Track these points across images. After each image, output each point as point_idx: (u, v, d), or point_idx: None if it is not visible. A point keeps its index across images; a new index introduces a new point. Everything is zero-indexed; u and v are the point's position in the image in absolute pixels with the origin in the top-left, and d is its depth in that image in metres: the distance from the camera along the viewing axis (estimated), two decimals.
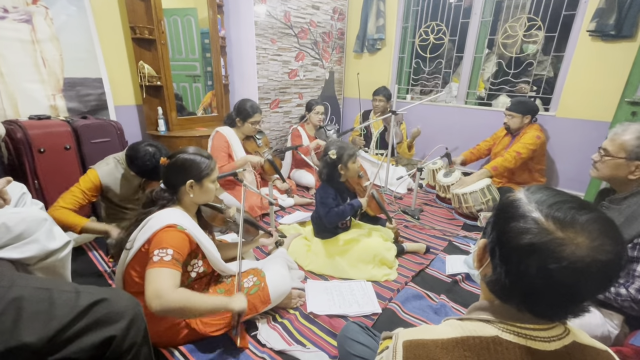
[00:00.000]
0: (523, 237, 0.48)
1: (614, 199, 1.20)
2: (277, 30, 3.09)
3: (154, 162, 1.61)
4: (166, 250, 1.04)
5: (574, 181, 2.68)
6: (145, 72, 2.58)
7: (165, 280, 0.99)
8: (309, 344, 1.30)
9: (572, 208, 0.48)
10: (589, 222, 0.46)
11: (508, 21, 2.87)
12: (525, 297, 0.51)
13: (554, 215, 0.47)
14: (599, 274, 0.45)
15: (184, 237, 1.12)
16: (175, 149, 1.81)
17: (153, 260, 1.03)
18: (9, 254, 1.05)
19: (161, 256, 1.03)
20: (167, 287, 0.98)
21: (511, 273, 0.50)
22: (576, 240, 0.45)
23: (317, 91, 3.69)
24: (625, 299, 1.06)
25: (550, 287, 0.47)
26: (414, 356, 0.53)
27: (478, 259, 0.59)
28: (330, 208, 1.73)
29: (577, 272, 0.45)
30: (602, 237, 0.45)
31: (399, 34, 3.50)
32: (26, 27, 2.02)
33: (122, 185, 1.72)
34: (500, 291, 0.54)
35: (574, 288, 0.46)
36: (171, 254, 1.04)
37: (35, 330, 0.74)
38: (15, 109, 2.04)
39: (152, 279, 1.00)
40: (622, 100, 2.13)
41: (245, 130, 2.41)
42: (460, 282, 1.72)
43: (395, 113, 2.57)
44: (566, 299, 0.48)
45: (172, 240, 1.08)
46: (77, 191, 1.62)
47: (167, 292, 0.97)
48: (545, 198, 0.50)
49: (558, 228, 0.46)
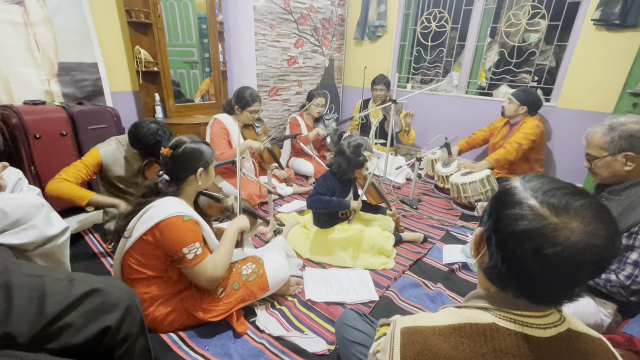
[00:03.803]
0: (519, 224, 0.48)
1: (613, 189, 1.20)
2: (276, 15, 3.02)
3: (158, 138, 1.62)
4: (194, 245, 1.12)
5: (572, 172, 2.68)
6: (141, 58, 2.53)
7: (209, 268, 1.16)
8: (307, 330, 1.32)
9: (567, 194, 0.48)
10: (582, 208, 0.47)
11: (512, 9, 2.82)
12: (521, 283, 0.52)
13: (548, 201, 0.48)
14: (593, 258, 0.46)
15: (195, 226, 1.15)
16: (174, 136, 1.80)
17: (188, 259, 1.11)
18: (7, 240, 1.05)
19: (194, 252, 1.12)
20: (212, 272, 1.16)
21: (507, 259, 0.51)
22: (570, 225, 0.46)
23: (316, 79, 3.64)
24: (614, 285, 1.08)
25: (546, 272, 0.48)
26: (411, 342, 0.53)
27: (475, 247, 0.59)
28: (318, 193, 1.74)
29: (572, 257, 0.46)
30: (596, 222, 0.46)
31: (400, 21, 3.44)
32: (18, 9, 1.96)
33: (121, 166, 1.71)
34: (497, 278, 0.55)
35: (569, 272, 0.47)
36: (198, 246, 1.13)
37: (26, 318, 0.72)
38: (9, 93, 2.01)
39: (201, 273, 1.14)
40: (624, 91, 2.12)
41: (244, 118, 2.38)
42: (457, 271, 1.74)
43: (395, 102, 2.55)
44: (562, 283, 0.49)
45: (191, 234, 1.12)
46: (80, 165, 1.63)
47: (215, 275, 1.17)
48: (540, 185, 0.51)
49: (552, 214, 0.47)
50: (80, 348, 0.77)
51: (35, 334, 0.72)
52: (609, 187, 1.22)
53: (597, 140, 1.19)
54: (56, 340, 0.75)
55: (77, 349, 0.77)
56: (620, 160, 1.15)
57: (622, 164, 1.15)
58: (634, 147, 1.12)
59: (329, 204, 1.73)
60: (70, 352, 0.76)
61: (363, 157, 1.75)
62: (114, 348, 0.82)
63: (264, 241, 1.91)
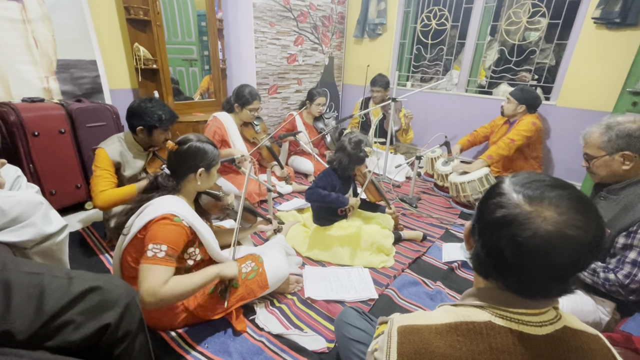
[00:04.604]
0: (497, 212, 0.51)
1: (611, 189, 1.20)
2: (276, 13, 3.01)
3: (148, 104, 1.62)
4: (160, 246, 1.04)
5: (571, 171, 2.68)
6: (140, 55, 2.52)
7: (158, 277, 1.00)
8: (307, 328, 1.32)
9: (544, 186, 0.51)
10: (557, 198, 0.48)
11: (512, 7, 2.81)
12: (499, 272, 0.54)
13: (524, 192, 0.51)
14: (567, 248, 0.47)
15: (180, 230, 1.10)
16: (173, 134, 1.80)
17: (147, 256, 1.03)
18: (5, 238, 1.04)
19: (155, 252, 1.03)
20: (159, 284, 0.99)
21: (486, 246, 0.54)
22: (543, 214, 0.48)
23: (316, 77, 3.63)
24: (613, 284, 1.09)
25: (521, 260, 0.49)
26: (408, 341, 0.54)
27: (466, 240, 0.62)
28: (317, 187, 1.74)
29: (544, 245, 0.47)
30: (572, 213, 0.47)
31: (400, 19, 3.43)
32: (16, 5, 1.95)
33: (129, 165, 1.70)
34: (479, 265, 0.58)
35: (543, 261, 0.48)
36: (165, 250, 1.04)
37: (25, 316, 0.72)
38: (7, 91, 2.00)
39: (145, 275, 1.01)
40: (624, 90, 2.12)
41: (243, 116, 2.38)
42: (456, 269, 1.75)
43: (395, 100, 2.55)
44: (539, 274, 0.50)
45: (167, 235, 1.06)
46: (103, 173, 1.60)
47: (159, 290, 0.99)
48: (522, 179, 0.54)
49: (527, 202, 0.50)
50: (79, 346, 0.77)
51: (34, 332, 0.72)
52: (607, 187, 1.22)
53: (594, 140, 1.19)
54: (55, 338, 0.74)
55: (76, 346, 0.76)
56: (618, 160, 1.15)
57: (620, 163, 1.15)
58: (631, 146, 1.12)
59: (327, 198, 1.73)
60: (69, 349, 0.76)
61: (364, 153, 1.75)
62: (113, 346, 0.82)
63: (264, 239, 1.91)
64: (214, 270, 1.15)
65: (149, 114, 1.62)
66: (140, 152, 1.72)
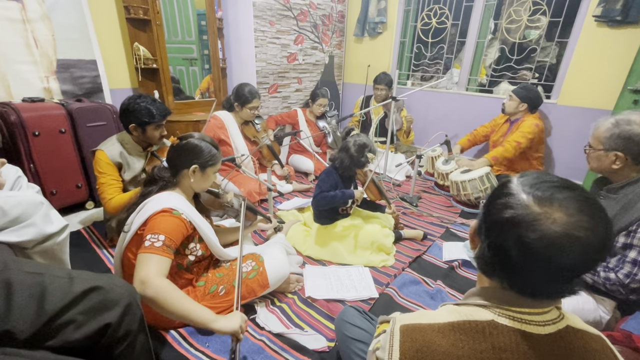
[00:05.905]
0: (505, 212, 0.51)
1: (611, 188, 1.20)
2: (276, 12, 3.00)
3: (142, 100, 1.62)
4: (158, 235, 1.04)
5: (572, 169, 2.68)
6: (140, 54, 2.51)
7: (152, 266, 0.99)
8: (307, 327, 1.32)
9: (553, 187, 0.50)
10: (567, 200, 0.48)
11: (513, 5, 2.80)
12: (505, 272, 0.53)
13: (534, 193, 0.50)
14: (575, 250, 0.46)
15: (178, 222, 1.11)
16: (173, 133, 1.80)
17: (144, 245, 1.02)
18: (6, 238, 1.04)
19: (152, 241, 1.03)
20: (152, 273, 0.97)
21: (492, 246, 0.53)
22: (552, 215, 0.47)
23: (316, 76, 3.63)
24: (614, 283, 1.09)
25: (527, 260, 0.49)
26: (410, 340, 0.54)
27: (471, 239, 0.62)
28: (322, 191, 1.74)
29: (552, 246, 0.46)
30: (580, 215, 0.47)
31: (400, 17, 3.42)
32: (16, 5, 1.95)
33: (128, 164, 1.69)
34: (484, 265, 0.57)
35: (550, 263, 0.47)
36: (162, 240, 1.03)
37: (26, 316, 0.72)
38: (7, 90, 2.00)
39: (140, 264, 1.00)
40: (625, 88, 2.11)
41: (244, 115, 2.37)
42: (457, 268, 1.74)
43: (395, 99, 2.54)
44: (545, 275, 0.49)
45: (165, 225, 1.07)
46: (107, 179, 1.60)
47: (151, 279, 0.96)
48: (531, 179, 0.53)
49: (536, 204, 0.49)
50: (80, 345, 0.77)
51: (36, 332, 0.72)
52: (607, 186, 1.22)
53: (600, 132, 1.19)
54: (56, 338, 0.75)
55: (77, 346, 0.76)
56: (610, 158, 1.16)
57: (611, 162, 1.16)
58: (625, 149, 1.13)
59: (335, 199, 1.73)
60: (70, 349, 0.76)
61: (365, 158, 1.75)
62: (114, 345, 0.82)
63: (264, 238, 1.92)
64: (209, 317, 0.99)
65: (139, 111, 1.61)
66: (139, 153, 1.72)
